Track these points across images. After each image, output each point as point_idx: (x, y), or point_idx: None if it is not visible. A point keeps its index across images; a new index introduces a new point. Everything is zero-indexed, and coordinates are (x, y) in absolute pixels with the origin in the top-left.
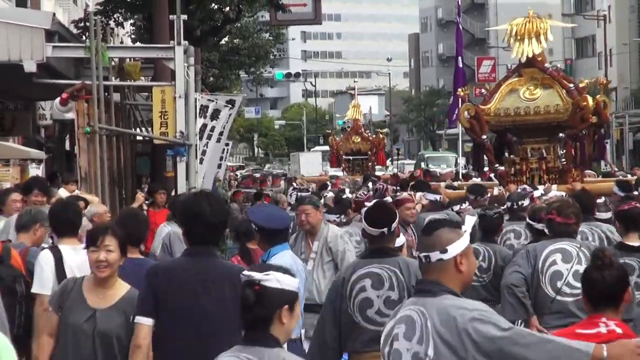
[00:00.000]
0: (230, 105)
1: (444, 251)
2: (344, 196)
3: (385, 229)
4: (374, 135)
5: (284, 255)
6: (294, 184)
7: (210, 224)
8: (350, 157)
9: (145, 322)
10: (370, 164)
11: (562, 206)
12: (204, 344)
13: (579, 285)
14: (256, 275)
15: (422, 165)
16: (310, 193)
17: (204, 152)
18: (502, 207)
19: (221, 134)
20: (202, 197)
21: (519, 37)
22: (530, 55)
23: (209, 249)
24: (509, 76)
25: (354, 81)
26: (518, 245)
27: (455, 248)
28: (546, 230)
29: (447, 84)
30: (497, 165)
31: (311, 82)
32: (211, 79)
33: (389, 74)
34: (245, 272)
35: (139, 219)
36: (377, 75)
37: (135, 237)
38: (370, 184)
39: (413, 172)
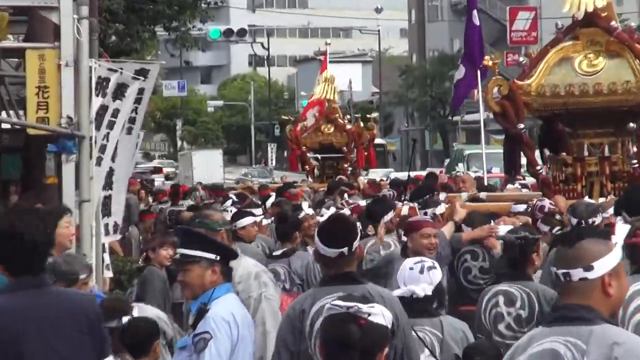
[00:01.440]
0: (141, 78)
1: (589, 268)
2: (301, 215)
3: (345, 249)
4: (359, 123)
5: (230, 301)
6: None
7: (31, 245)
8: (319, 156)
9: None
10: (346, 165)
11: None
12: None
13: None
14: (362, 306)
15: (461, 166)
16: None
17: (103, 148)
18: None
19: (133, 120)
20: (15, 213)
21: None
22: (591, 9)
23: (39, 277)
24: (560, 39)
25: (326, 43)
26: None
27: (604, 265)
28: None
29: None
30: (539, 167)
31: (262, 44)
32: (113, 38)
33: (379, 32)
34: (342, 303)
35: None
36: (361, 33)
37: None
38: (339, 198)
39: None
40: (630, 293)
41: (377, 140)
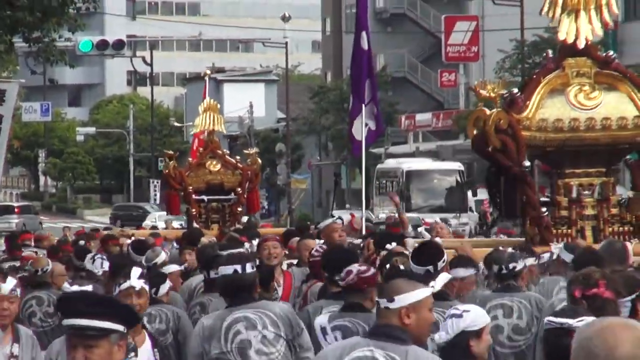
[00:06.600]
0: None
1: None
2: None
3: (430, 267)
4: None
5: None
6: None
7: None
8: (205, 197)
9: None
10: (239, 209)
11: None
12: None
13: None
14: (571, 321)
15: None
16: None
17: None
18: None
19: None
20: None
21: (569, 8)
22: (591, 38)
23: None
24: (550, 69)
25: (205, 74)
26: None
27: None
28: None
29: (391, 62)
30: (544, 210)
31: (144, 59)
32: None
33: (286, 44)
34: (552, 319)
35: None
36: (264, 47)
37: None
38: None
39: None
40: None
41: None
